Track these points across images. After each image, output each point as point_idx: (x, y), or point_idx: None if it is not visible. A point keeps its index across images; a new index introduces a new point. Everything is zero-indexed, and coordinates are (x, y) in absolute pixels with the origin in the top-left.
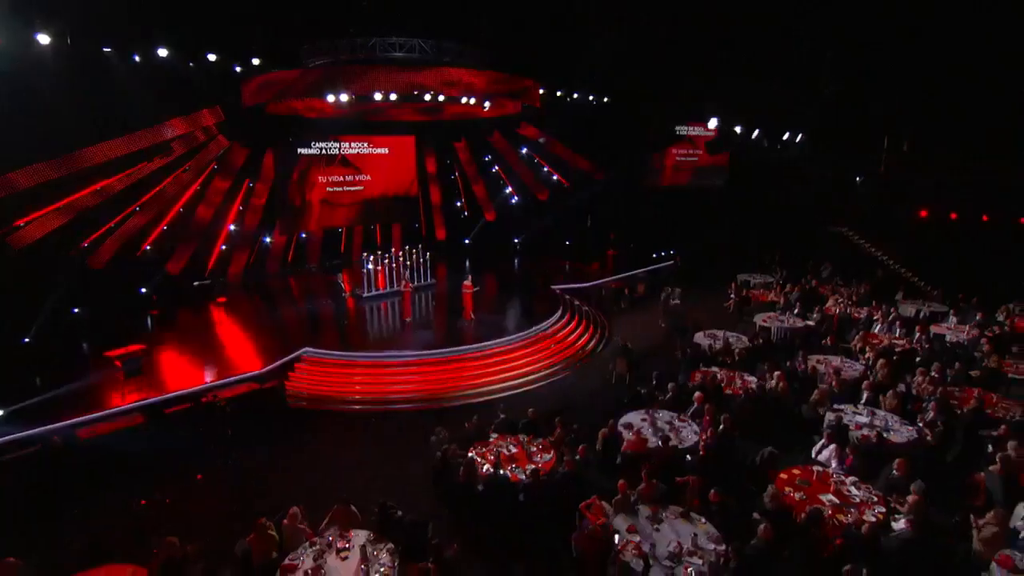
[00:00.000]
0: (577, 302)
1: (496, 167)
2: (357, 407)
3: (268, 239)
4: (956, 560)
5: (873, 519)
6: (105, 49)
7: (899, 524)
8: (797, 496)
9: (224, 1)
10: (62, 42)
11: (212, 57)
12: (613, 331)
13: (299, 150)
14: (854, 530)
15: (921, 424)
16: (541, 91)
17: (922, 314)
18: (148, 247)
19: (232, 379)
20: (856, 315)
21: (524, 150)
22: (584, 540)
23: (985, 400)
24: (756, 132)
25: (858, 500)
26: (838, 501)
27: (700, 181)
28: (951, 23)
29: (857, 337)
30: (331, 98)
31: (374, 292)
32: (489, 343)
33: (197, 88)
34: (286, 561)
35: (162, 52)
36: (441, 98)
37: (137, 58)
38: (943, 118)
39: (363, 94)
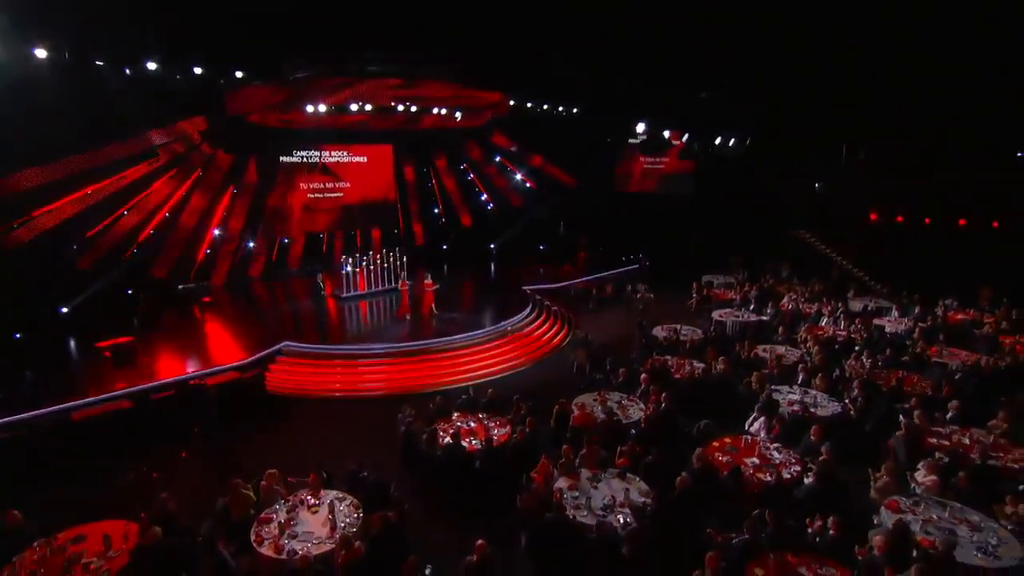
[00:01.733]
0: (547, 302)
1: (471, 175)
2: (335, 395)
3: (251, 244)
4: (855, 507)
5: (789, 476)
6: (98, 63)
7: (810, 479)
8: (724, 459)
9: (209, 18)
10: (60, 56)
11: (198, 70)
12: (580, 327)
13: (281, 158)
14: (770, 484)
15: (847, 400)
16: (511, 103)
17: (868, 308)
18: (135, 251)
19: (215, 369)
20: (807, 310)
21: (497, 159)
22: (529, 499)
23: (906, 380)
24: (686, 136)
25: (778, 462)
26: (759, 462)
27: (667, 187)
28: (901, 39)
29: (803, 329)
30: (310, 108)
31: (354, 293)
32: (461, 336)
33: (183, 99)
34: (262, 515)
35: (151, 65)
36: (414, 109)
37: (128, 71)
38: (890, 129)
39: (339, 105)
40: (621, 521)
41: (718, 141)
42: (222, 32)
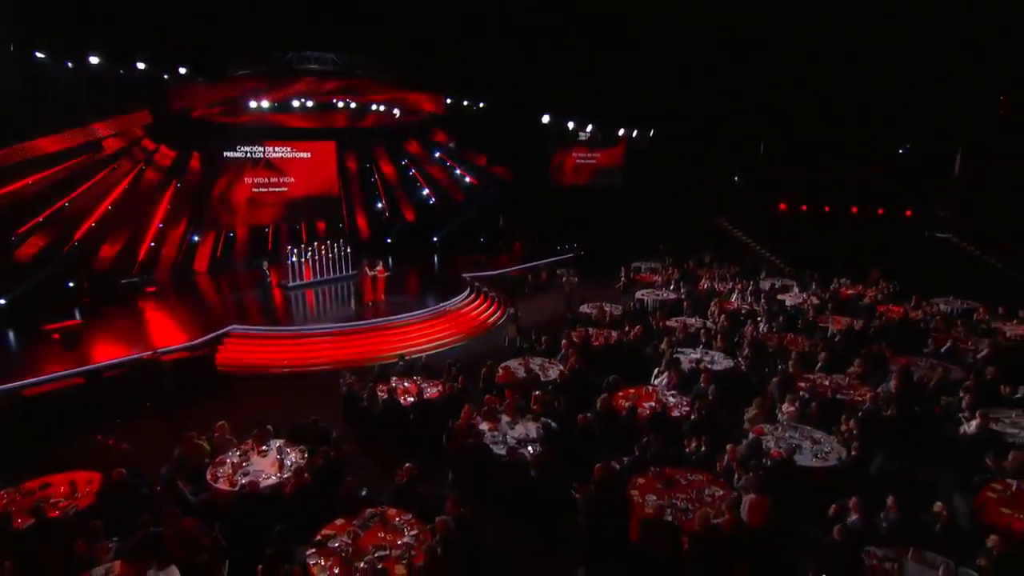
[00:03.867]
0: (485, 288)
1: (413, 171)
2: (283, 370)
3: (196, 238)
4: (729, 435)
5: (678, 415)
6: (39, 55)
7: (694, 416)
8: (626, 404)
9: (153, 15)
10: (3, 48)
11: (141, 65)
12: (514, 308)
13: (225, 153)
14: (657, 412)
15: (740, 358)
16: (448, 100)
17: (775, 287)
18: (76, 243)
19: (165, 349)
20: (721, 289)
21: (437, 154)
22: (453, 435)
23: (791, 342)
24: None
25: (671, 404)
26: (655, 405)
27: (599, 180)
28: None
29: (714, 303)
30: (253, 104)
31: (300, 282)
32: (403, 316)
33: (126, 93)
34: (216, 459)
35: (94, 59)
36: (353, 105)
37: (70, 64)
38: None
39: (281, 101)
40: (530, 451)
41: (621, 132)
42: (166, 29)
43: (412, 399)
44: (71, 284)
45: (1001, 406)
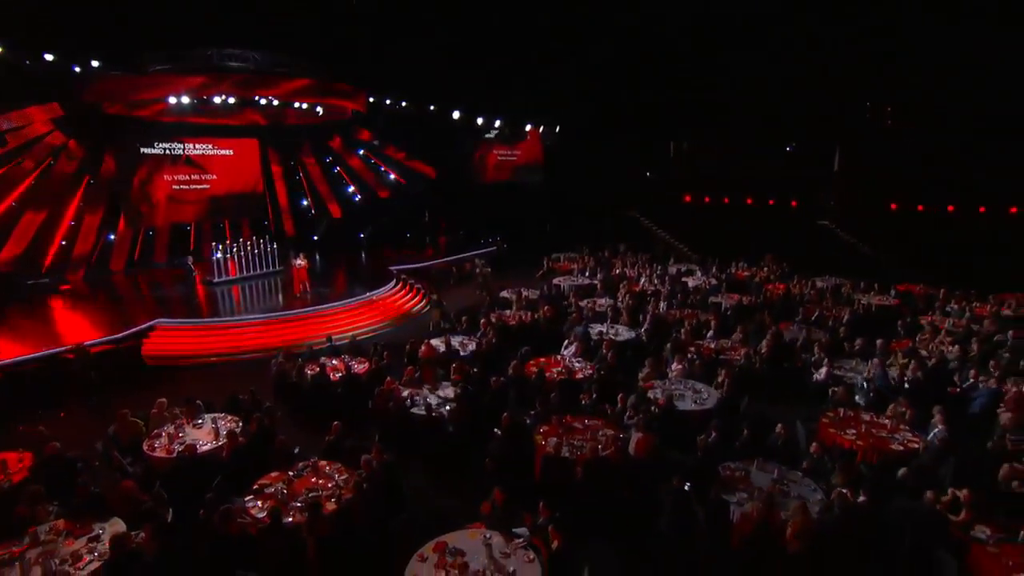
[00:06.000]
0: (412, 280)
1: (338, 168)
2: (212, 359)
3: (112, 236)
4: (624, 389)
5: (582, 377)
6: None
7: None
8: (535, 369)
9: (64, 4)
10: None
11: (49, 57)
12: (438, 296)
13: (142, 149)
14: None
15: (641, 330)
16: (371, 99)
17: (681, 271)
18: None
19: (88, 343)
20: (631, 274)
21: (361, 152)
22: (377, 400)
23: (687, 316)
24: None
25: (577, 368)
26: (563, 371)
27: (519, 177)
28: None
29: (623, 285)
30: (173, 100)
31: (225, 278)
32: (331, 304)
33: (32, 84)
34: (152, 433)
35: None
36: (276, 103)
37: None
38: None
39: (201, 98)
40: (447, 410)
41: (528, 127)
42: (77, 20)
43: (340, 375)
44: None
45: (847, 358)
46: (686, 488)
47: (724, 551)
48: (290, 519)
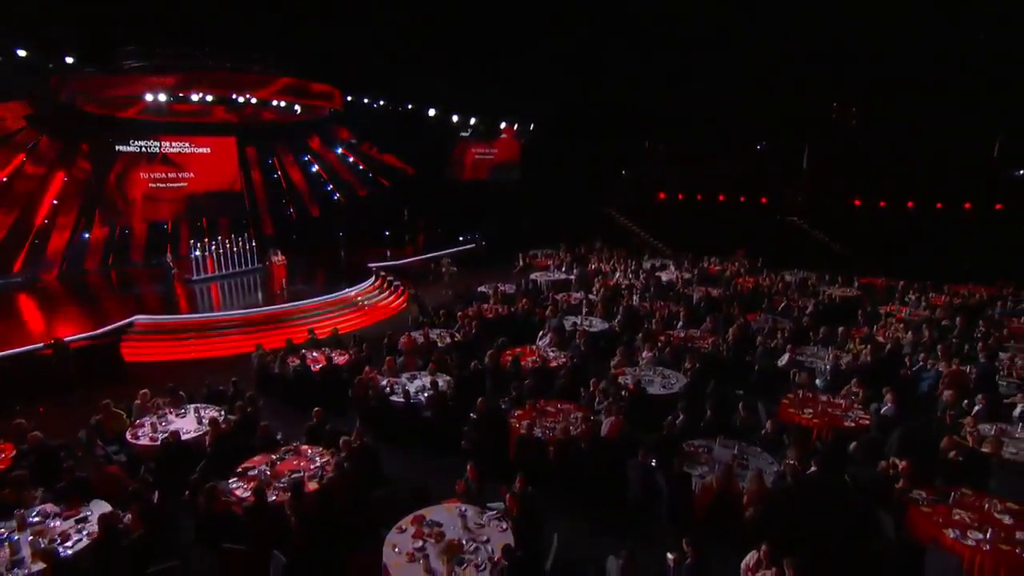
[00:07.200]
0: (391, 277)
1: (316, 167)
2: (192, 357)
3: (87, 234)
4: (595, 375)
5: (555, 365)
6: None
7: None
8: (511, 358)
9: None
10: None
11: (22, 53)
12: (416, 291)
13: (117, 147)
14: (536, 365)
15: (615, 321)
16: (349, 98)
17: (655, 266)
18: None
19: (66, 339)
20: (607, 269)
21: (339, 150)
22: (357, 387)
23: (659, 308)
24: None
25: (550, 358)
26: (537, 360)
27: (497, 175)
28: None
29: (598, 280)
30: (149, 98)
31: (204, 276)
32: (312, 300)
33: (3, 80)
34: (136, 422)
35: None
36: (253, 101)
37: None
38: (678, 129)
39: (176, 96)
40: (425, 397)
41: (503, 125)
42: (52, 16)
43: (320, 367)
44: None
45: (809, 345)
46: (652, 464)
47: (686, 518)
48: (274, 498)
